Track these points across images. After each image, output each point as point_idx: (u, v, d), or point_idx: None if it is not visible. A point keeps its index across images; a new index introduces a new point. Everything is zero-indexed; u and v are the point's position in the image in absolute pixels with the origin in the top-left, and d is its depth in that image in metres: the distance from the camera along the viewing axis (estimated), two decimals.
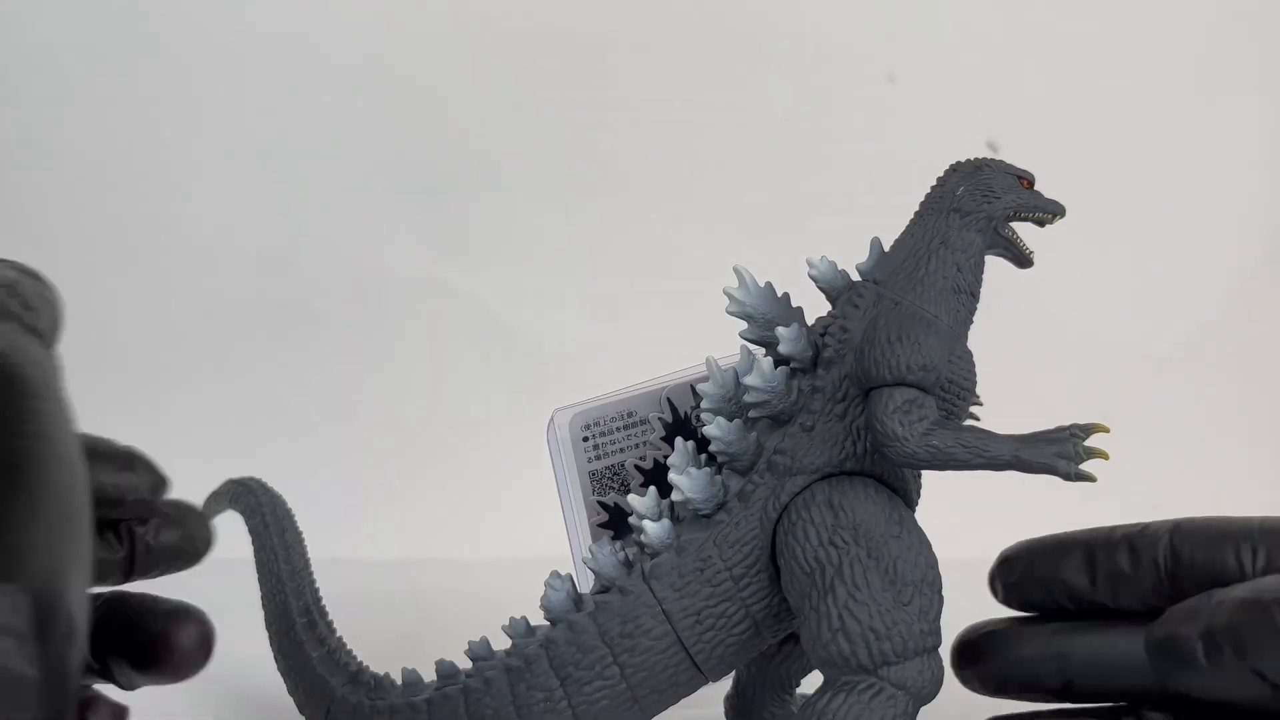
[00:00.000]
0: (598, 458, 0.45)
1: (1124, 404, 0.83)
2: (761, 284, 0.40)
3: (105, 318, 0.84)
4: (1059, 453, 0.33)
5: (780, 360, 0.38)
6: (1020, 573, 0.37)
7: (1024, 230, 0.42)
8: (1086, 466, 0.33)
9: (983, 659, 0.37)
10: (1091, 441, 0.33)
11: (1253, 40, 0.81)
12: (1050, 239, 0.88)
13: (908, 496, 0.38)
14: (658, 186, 0.83)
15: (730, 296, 0.39)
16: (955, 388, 0.38)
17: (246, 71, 0.83)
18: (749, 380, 0.37)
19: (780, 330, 0.38)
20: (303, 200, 0.84)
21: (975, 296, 0.40)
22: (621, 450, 0.46)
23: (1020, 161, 0.92)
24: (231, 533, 0.85)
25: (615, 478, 0.45)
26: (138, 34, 0.83)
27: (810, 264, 0.41)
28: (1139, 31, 0.82)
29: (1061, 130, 0.82)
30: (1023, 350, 0.82)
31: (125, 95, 0.84)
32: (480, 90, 0.83)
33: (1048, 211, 0.41)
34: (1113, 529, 0.37)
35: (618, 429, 0.45)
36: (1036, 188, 0.42)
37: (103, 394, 0.84)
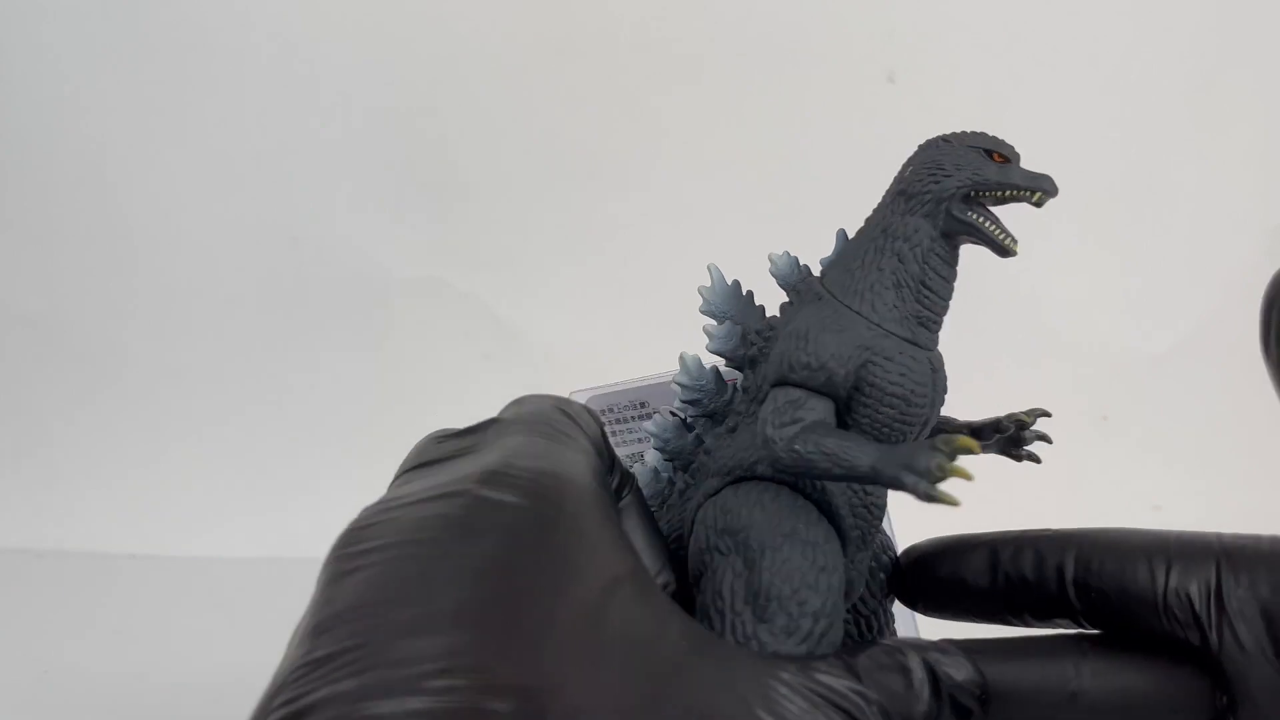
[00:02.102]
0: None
1: (1123, 404, 0.83)
2: (729, 282, 0.38)
3: (105, 317, 0.84)
4: (913, 467, 0.30)
5: (731, 358, 0.37)
6: (921, 571, 0.36)
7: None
8: (950, 486, 0.30)
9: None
10: (959, 461, 0.29)
11: (1251, 40, 0.81)
12: (1050, 239, 0.88)
13: (827, 506, 0.34)
14: (658, 186, 0.83)
15: (701, 295, 0.38)
16: (878, 392, 0.34)
17: (247, 72, 0.83)
18: (677, 378, 0.37)
19: (707, 327, 0.37)
20: (303, 200, 0.84)
21: (929, 289, 0.35)
22: (639, 441, 0.47)
23: (1020, 162, 0.91)
24: (229, 533, 0.85)
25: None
26: (138, 35, 0.83)
27: (771, 260, 0.38)
28: (1138, 32, 0.82)
29: (1061, 130, 0.82)
30: (1023, 350, 0.82)
31: (125, 95, 0.84)
32: (480, 90, 0.83)
33: (1023, 188, 0.35)
34: (1022, 532, 0.35)
35: (631, 418, 0.45)
36: (1031, 165, 0.36)
37: (103, 393, 0.84)
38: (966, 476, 0.28)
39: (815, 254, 0.42)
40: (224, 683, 0.54)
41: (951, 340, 0.87)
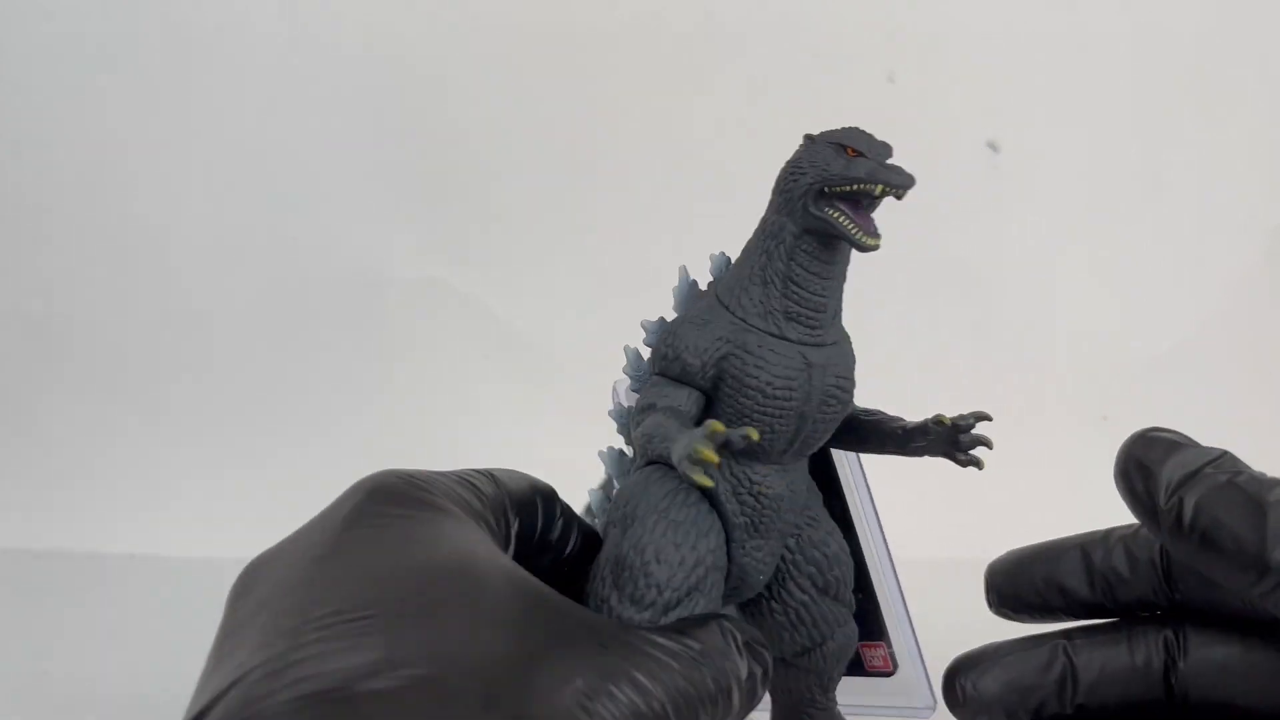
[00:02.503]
0: None
1: (1124, 404, 0.83)
2: (690, 280, 0.40)
3: (105, 317, 0.84)
4: (680, 450, 0.32)
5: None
6: (1015, 580, 0.37)
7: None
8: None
9: (981, 691, 0.35)
10: (702, 443, 0.31)
11: (1252, 41, 0.81)
12: (1051, 239, 0.88)
13: (710, 491, 0.36)
14: (658, 186, 0.83)
15: (673, 295, 0.40)
16: (736, 382, 0.35)
17: (246, 72, 0.83)
18: (624, 368, 0.39)
19: (644, 321, 0.39)
20: (303, 200, 0.84)
21: (797, 285, 0.36)
22: None
23: (1020, 162, 0.92)
24: (229, 533, 0.85)
25: None
26: (137, 34, 0.83)
27: (710, 259, 0.40)
28: (1139, 32, 0.82)
29: (1061, 130, 0.82)
30: (1023, 350, 0.82)
31: (124, 95, 0.84)
32: (481, 90, 0.83)
33: (864, 181, 0.34)
34: (1108, 531, 0.36)
35: None
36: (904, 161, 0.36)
37: (103, 393, 0.84)
38: (712, 460, 0.30)
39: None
40: None
41: (952, 340, 0.88)
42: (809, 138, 0.37)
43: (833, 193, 0.35)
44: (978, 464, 0.36)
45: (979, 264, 0.82)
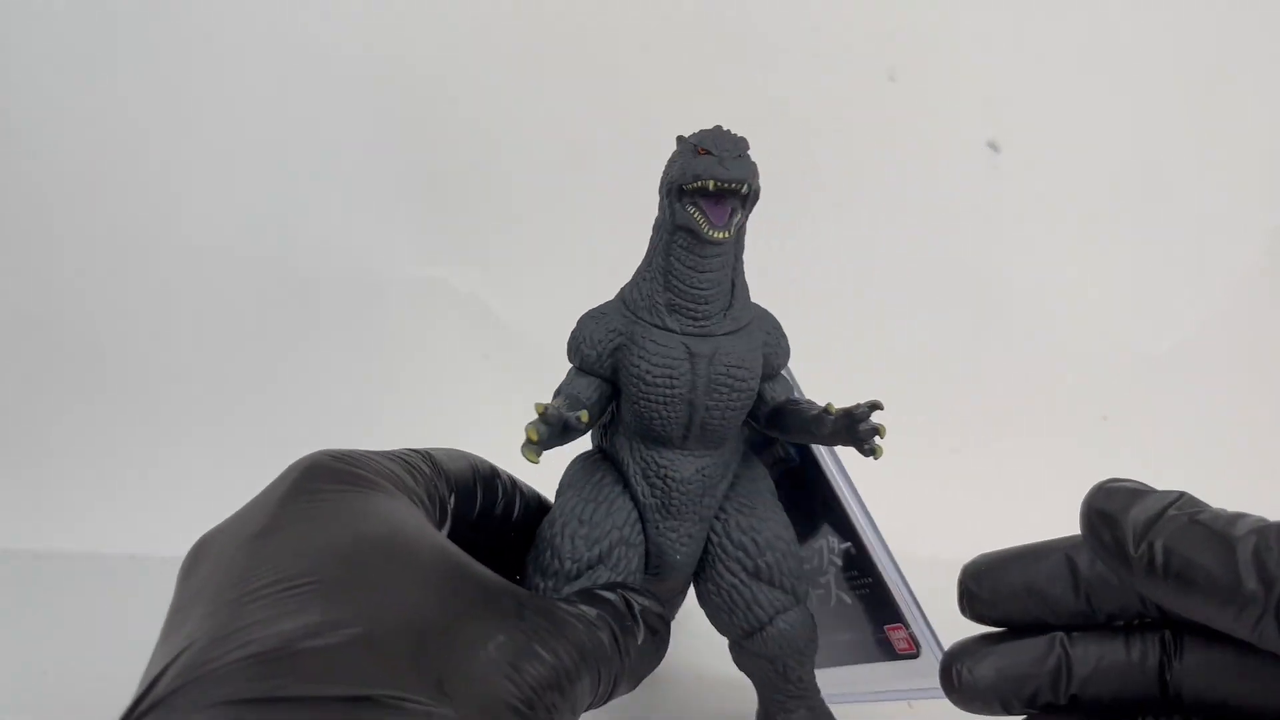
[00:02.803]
0: None
1: (1124, 404, 0.83)
2: None
3: (105, 317, 0.84)
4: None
5: None
6: (991, 584, 0.35)
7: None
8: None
9: (977, 678, 0.35)
10: (529, 424, 0.35)
11: (1252, 40, 0.81)
12: (1051, 239, 0.88)
13: (623, 474, 0.40)
14: (655, 185, 0.83)
15: None
16: (625, 371, 0.39)
17: (246, 71, 0.83)
18: None
19: None
20: (303, 200, 0.84)
21: (675, 278, 0.38)
22: None
23: (1019, 162, 0.92)
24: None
25: None
26: (136, 34, 0.83)
27: None
28: (1139, 32, 0.82)
29: (1061, 131, 0.82)
30: (1023, 350, 0.82)
31: (125, 95, 0.84)
32: (481, 90, 0.83)
33: (700, 176, 0.36)
34: None
35: None
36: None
37: (103, 393, 0.84)
38: (531, 436, 0.35)
39: (815, 253, 0.42)
40: None
41: (952, 340, 0.88)
42: (679, 139, 0.39)
43: (688, 190, 0.37)
44: (875, 453, 0.37)
45: (979, 263, 0.82)
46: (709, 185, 0.36)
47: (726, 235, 0.37)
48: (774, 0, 0.82)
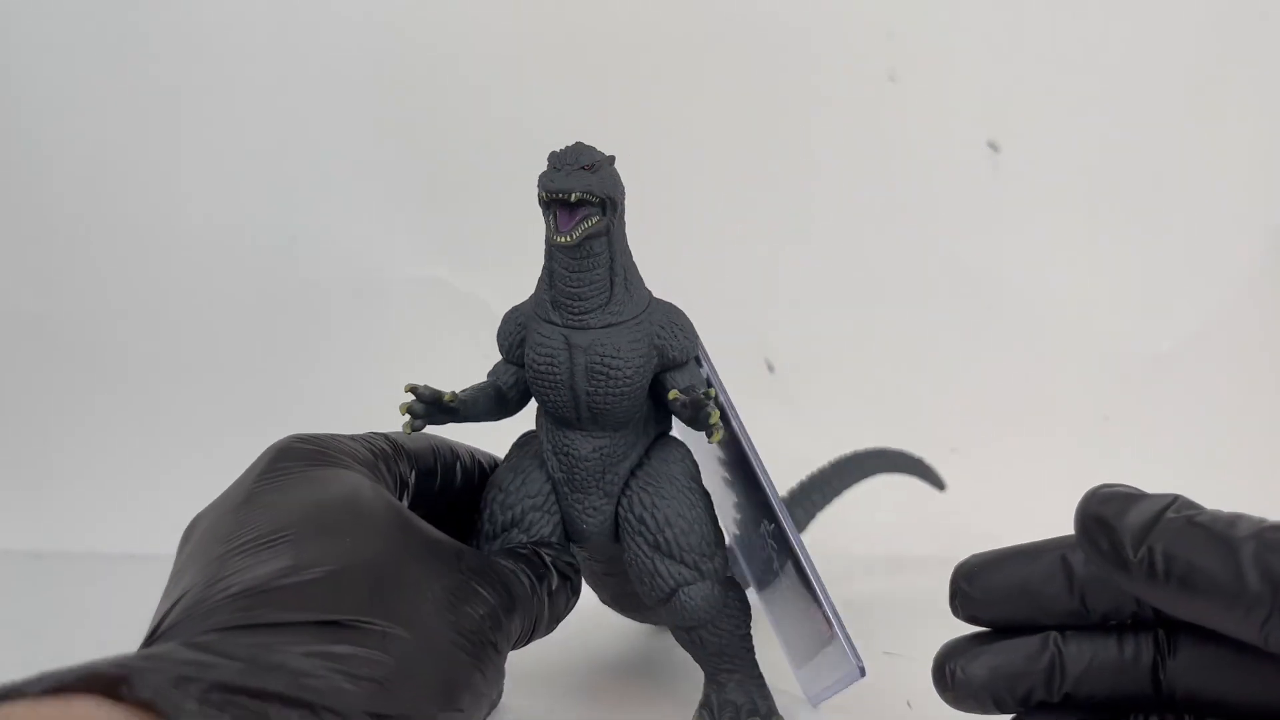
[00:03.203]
0: None
1: (1124, 404, 0.83)
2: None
3: (105, 317, 0.84)
4: None
5: None
6: (984, 584, 0.35)
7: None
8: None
9: (970, 676, 0.35)
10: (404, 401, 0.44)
11: (1252, 40, 0.81)
12: (1051, 239, 0.88)
13: (542, 452, 0.46)
14: (657, 185, 0.83)
15: None
16: (525, 363, 0.45)
17: (246, 71, 0.83)
18: None
19: None
20: (303, 200, 0.84)
21: (556, 278, 0.44)
22: None
23: (1019, 162, 0.92)
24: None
25: None
26: (136, 34, 0.83)
27: None
28: (1139, 31, 0.82)
29: (1061, 130, 0.82)
30: (1023, 350, 0.82)
31: (124, 94, 0.84)
32: (481, 90, 0.83)
33: (539, 187, 0.42)
34: None
35: None
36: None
37: (103, 393, 0.84)
38: (402, 412, 0.44)
39: (815, 253, 0.42)
40: None
41: (952, 340, 0.88)
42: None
43: (541, 199, 0.42)
44: (712, 434, 0.41)
45: (979, 263, 0.82)
46: (541, 194, 0.42)
47: (568, 240, 0.41)
48: (774, 1, 0.82)
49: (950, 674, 0.35)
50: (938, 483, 0.70)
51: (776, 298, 0.82)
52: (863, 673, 0.41)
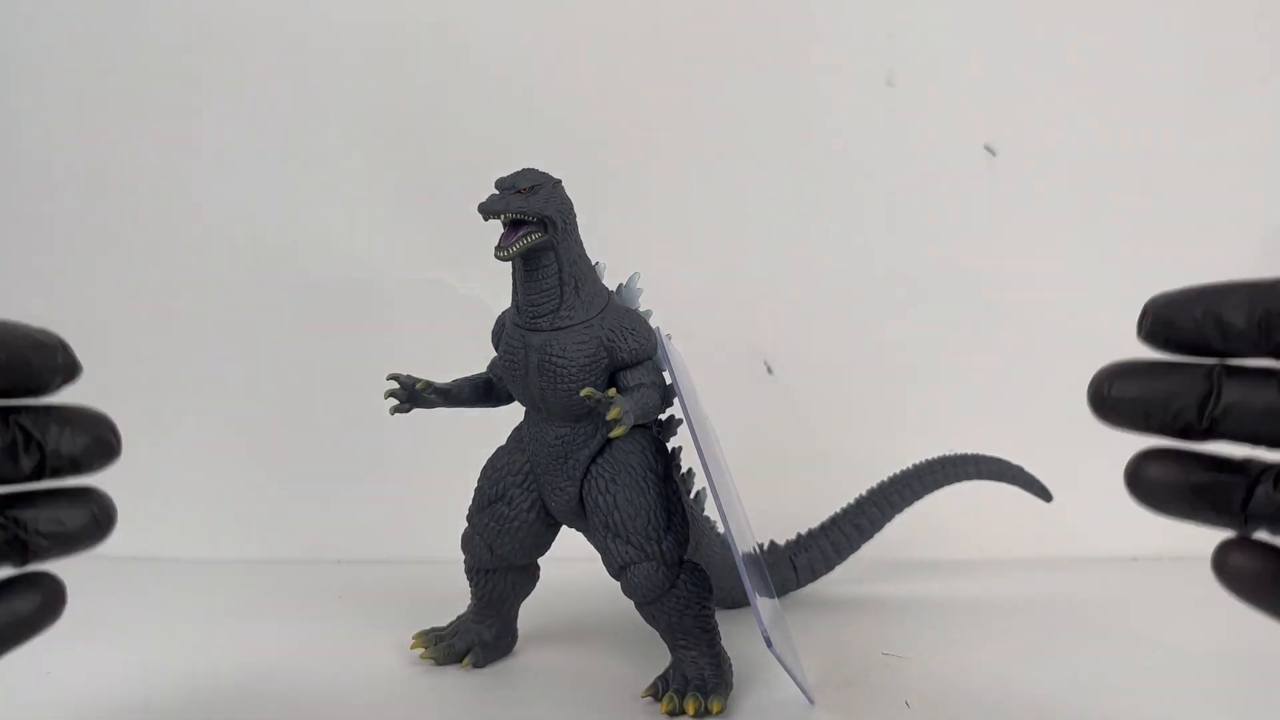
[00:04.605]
0: None
1: None
2: (638, 286, 0.54)
3: (106, 317, 0.84)
4: None
5: None
6: (1173, 310, 0.36)
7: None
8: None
9: (1125, 389, 0.36)
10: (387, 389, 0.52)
11: (1251, 40, 0.81)
12: (1049, 240, 0.88)
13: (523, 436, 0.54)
14: (656, 187, 0.83)
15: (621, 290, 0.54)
16: (500, 364, 0.51)
17: (247, 71, 0.83)
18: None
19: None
20: (303, 200, 0.84)
21: (518, 287, 0.50)
22: None
23: (1018, 162, 0.92)
24: (230, 533, 0.85)
25: None
26: (138, 35, 0.83)
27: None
28: (1137, 32, 0.82)
29: (1059, 132, 0.82)
30: (1022, 350, 0.82)
31: (125, 94, 0.84)
32: (480, 90, 0.83)
33: (478, 208, 0.49)
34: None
35: None
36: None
37: (102, 393, 0.84)
38: (385, 398, 0.54)
39: (815, 252, 0.42)
40: (225, 683, 0.54)
41: (950, 341, 0.88)
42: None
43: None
44: (609, 431, 0.46)
45: (977, 265, 0.83)
46: (482, 214, 0.48)
47: (503, 256, 0.47)
48: (772, 5, 0.82)
49: (1107, 387, 0.36)
50: (1043, 493, 0.68)
51: (777, 298, 0.82)
52: (769, 644, 0.43)
